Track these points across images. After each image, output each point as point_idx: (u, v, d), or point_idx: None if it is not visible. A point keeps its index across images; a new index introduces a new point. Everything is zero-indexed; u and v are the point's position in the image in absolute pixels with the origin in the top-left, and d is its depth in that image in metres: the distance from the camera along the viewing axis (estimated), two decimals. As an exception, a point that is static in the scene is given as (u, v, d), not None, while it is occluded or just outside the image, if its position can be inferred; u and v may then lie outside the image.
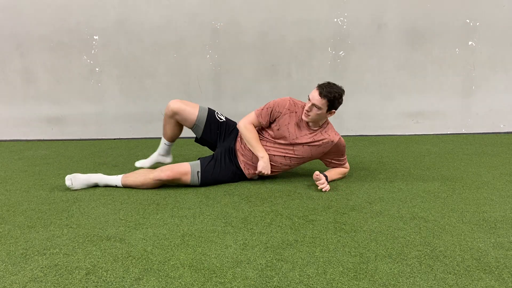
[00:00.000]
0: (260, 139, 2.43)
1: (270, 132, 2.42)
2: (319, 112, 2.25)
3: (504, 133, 4.24)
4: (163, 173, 2.28)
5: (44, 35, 4.07)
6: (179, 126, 2.57)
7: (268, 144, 2.42)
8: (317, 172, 2.29)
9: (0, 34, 4.06)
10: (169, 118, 2.50)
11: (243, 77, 4.22)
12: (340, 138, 2.39)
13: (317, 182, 2.29)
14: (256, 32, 4.12)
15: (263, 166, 2.37)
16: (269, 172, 2.40)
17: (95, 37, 4.09)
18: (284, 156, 2.40)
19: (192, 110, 2.48)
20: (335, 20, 4.09)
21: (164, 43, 4.12)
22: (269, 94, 4.22)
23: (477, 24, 4.10)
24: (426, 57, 4.17)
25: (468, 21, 4.10)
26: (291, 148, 2.38)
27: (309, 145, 2.37)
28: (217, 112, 2.58)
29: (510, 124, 4.28)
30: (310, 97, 2.25)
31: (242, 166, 2.46)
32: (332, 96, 2.21)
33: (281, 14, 4.07)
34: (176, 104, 2.45)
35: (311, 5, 4.05)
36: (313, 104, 2.23)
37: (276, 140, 2.40)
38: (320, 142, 2.37)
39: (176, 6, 4.05)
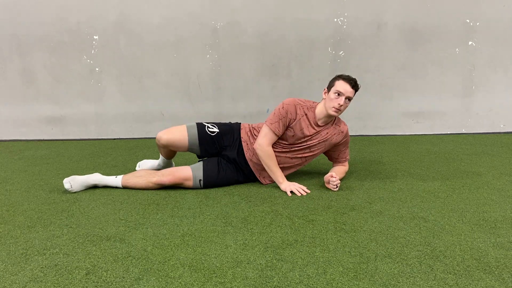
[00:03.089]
0: (275, 150, 2.38)
1: (284, 142, 2.38)
2: (348, 104, 2.30)
3: (504, 133, 4.24)
4: (165, 177, 2.29)
5: (44, 35, 4.06)
6: (173, 150, 2.56)
7: (285, 150, 2.39)
8: (332, 174, 2.28)
9: (0, 34, 4.06)
10: (162, 148, 2.49)
11: (243, 77, 4.22)
12: (347, 127, 2.46)
13: (335, 182, 2.26)
14: (256, 32, 4.12)
15: (288, 188, 2.27)
16: (300, 190, 2.27)
17: (95, 37, 4.09)
18: (301, 157, 2.41)
19: (181, 137, 2.38)
20: (335, 20, 4.09)
21: (164, 43, 4.12)
22: (269, 94, 4.23)
23: (477, 24, 4.10)
24: (426, 57, 4.17)
25: (468, 21, 4.10)
26: (308, 150, 2.40)
27: (323, 142, 2.39)
28: (207, 126, 2.44)
29: (510, 124, 4.28)
30: (342, 90, 2.22)
31: (257, 175, 2.44)
32: (357, 86, 2.30)
33: (281, 14, 4.07)
34: (164, 138, 2.37)
35: (311, 5, 4.05)
36: (347, 97, 2.25)
37: (293, 146, 2.38)
38: (332, 134, 2.40)
39: (176, 6, 4.05)
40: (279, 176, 2.33)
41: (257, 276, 1.37)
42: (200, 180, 2.32)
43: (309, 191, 2.28)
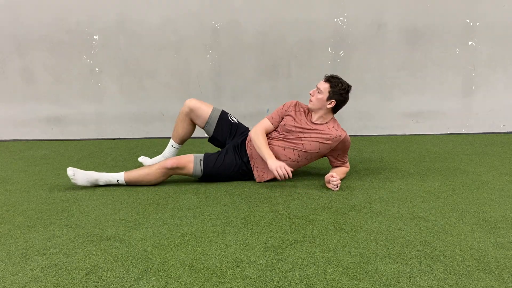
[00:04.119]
0: (271, 138, 2.48)
1: (277, 132, 2.49)
2: (320, 96, 2.35)
3: (504, 133, 4.24)
4: (169, 161, 2.36)
5: (44, 35, 4.06)
6: (192, 126, 2.65)
7: (278, 139, 2.46)
8: (332, 174, 2.30)
9: (0, 34, 4.06)
10: (185, 116, 2.60)
11: (243, 77, 4.22)
12: (346, 134, 2.45)
13: (335, 182, 2.27)
14: (256, 32, 4.11)
15: (275, 166, 2.29)
16: (286, 171, 2.29)
17: (95, 37, 4.09)
18: (293, 149, 2.42)
19: (206, 108, 2.59)
20: (335, 20, 4.09)
21: (164, 43, 4.12)
22: (269, 94, 4.23)
23: (477, 24, 4.10)
24: (426, 57, 4.17)
25: (468, 21, 4.10)
26: (300, 141, 2.41)
27: (317, 141, 2.40)
28: (230, 115, 2.66)
29: (510, 124, 4.28)
30: (317, 83, 2.41)
31: (254, 171, 2.49)
32: (335, 82, 2.34)
33: (281, 14, 4.07)
34: (192, 101, 2.58)
35: (311, 5, 4.05)
36: (317, 88, 2.37)
37: (285, 134, 2.45)
38: (328, 136, 2.39)
39: (176, 6, 4.05)
40: (265, 153, 2.36)
41: (257, 276, 1.37)
42: (200, 160, 2.39)
43: (291, 175, 2.31)
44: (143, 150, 3.58)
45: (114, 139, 4.24)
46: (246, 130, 2.65)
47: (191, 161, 2.38)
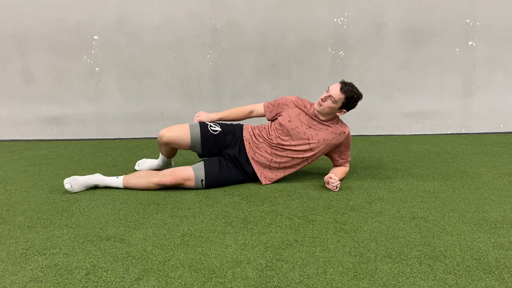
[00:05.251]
0: (277, 148, 2.39)
1: (283, 128, 2.39)
2: (332, 105, 2.31)
3: (504, 133, 4.24)
4: (166, 178, 2.28)
5: (44, 35, 4.06)
6: (175, 148, 2.57)
7: (284, 149, 2.39)
8: (331, 176, 2.30)
9: (0, 34, 4.06)
10: (163, 146, 2.51)
11: (243, 77, 4.22)
12: (349, 129, 2.46)
13: (334, 183, 2.27)
14: (256, 32, 4.11)
15: (202, 116, 2.55)
16: (205, 118, 2.55)
17: (95, 37, 4.09)
18: (302, 158, 2.41)
19: (183, 135, 2.40)
20: (335, 20, 4.09)
21: (164, 43, 4.12)
22: (269, 94, 4.22)
23: (477, 24, 4.10)
24: (426, 57, 4.17)
25: (468, 21, 4.10)
26: (310, 149, 2.39)
27: (324, 139, 2.39)
28: (210, 125, 2.48)
29: (510, 124, 4.28)
30: (330, 88, 2.31)
31: (259, 174, 2.43)
32: (351, 95, 2.28)
33: (281, 14, 4.07)
34: (166, 135, 2.38)
35: (311, 5, 4.05)
36: (330, 96, 2.29)
37: (291, 141, 2.38)
38: (333, 135, 2.40)
39: (176, 6, 4.05)
40: (219, 113, 2.60)
41: (257, 276, 1.37)
42: (202, 180, 2.32)
43: (198, 116, 2.56)
44: (143, 150, 3.58)
45: (114, 139, 4.24)
46: (235, 133, 2.50)
47: (191, 179, 2.29)
